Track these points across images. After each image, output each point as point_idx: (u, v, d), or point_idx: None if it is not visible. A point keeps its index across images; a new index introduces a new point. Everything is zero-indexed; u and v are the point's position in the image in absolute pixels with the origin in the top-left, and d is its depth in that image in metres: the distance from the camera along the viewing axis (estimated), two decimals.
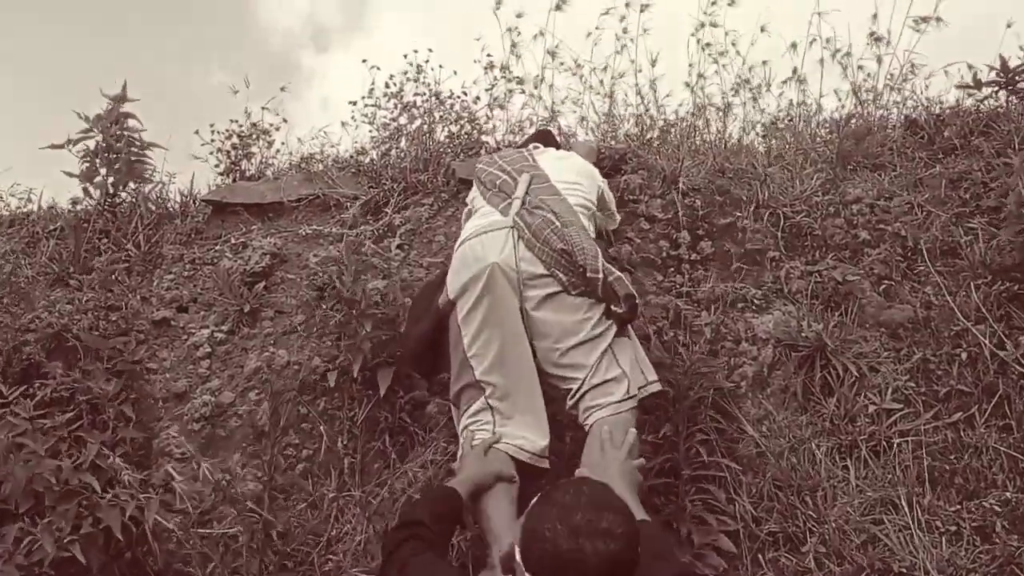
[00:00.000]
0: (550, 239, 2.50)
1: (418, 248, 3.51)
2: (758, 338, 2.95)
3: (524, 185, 2.74)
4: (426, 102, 4.04)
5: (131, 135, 3.66)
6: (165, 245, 3.67)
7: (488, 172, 2.90)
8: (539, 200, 2.66)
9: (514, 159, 2.94)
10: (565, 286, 2.50)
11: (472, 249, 2.59)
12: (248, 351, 3.17)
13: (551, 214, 2.58)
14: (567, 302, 2.50)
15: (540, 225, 2.54)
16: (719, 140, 4.12)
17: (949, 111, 3.98)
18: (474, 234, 2.63)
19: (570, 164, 3.04)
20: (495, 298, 2.49)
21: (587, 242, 2.52)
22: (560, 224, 2.54)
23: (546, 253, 2.50)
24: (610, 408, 2.41)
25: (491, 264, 2.49)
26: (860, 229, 3.31)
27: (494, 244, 2.55)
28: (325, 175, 3.83)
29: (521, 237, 2.55)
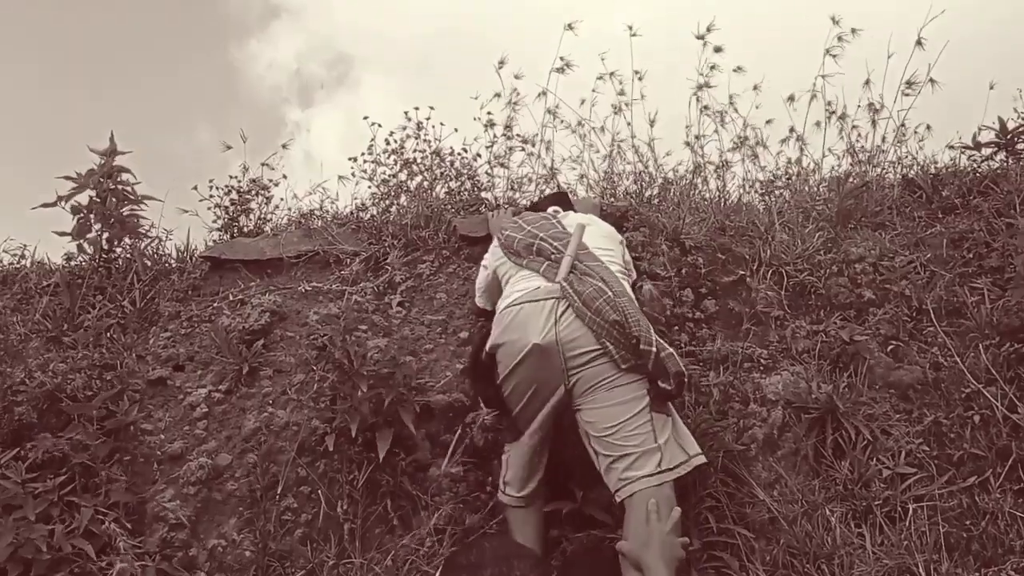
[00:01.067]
0: (603, 309, 2.46)
1: (419, 305, 3.47)
2: (767, 399, 2.91)
3: (574, 247, 2.70)
4: (426, 159, 4.04)
5: (125, 188, 3.61)
6: (161, 302, 3.61)
7: (518, 238, 2.87)
8: (587, 267, 2.63)
9: (542, 224, 2.90)
10: (615, 359, 2.47)
11: (514, 317, 2.59)
12: (246, 411, 3.10)
13: (601, 282, 2.54)
14: (616, 380, 2.47)
15: (592, 294, 2.49)
16: (719, 198, 4.13)
17: (947, 171, 4.01)
18: (519, 300, 2.62)
19: (597, 229, 2.99)
20: (527, 373, 2.54)
21: (639, 314, 2.50)
22: (612, 294, 2.50)
23: (598, 324, 2.46)
24: (644, 481, 2.36)
25: (531, 345, 2.49)
26: (864, 288, 3.30)
27: (536, 318, 2.53)
28: (325, 231, 3.80)
29: (571, 305, 2.51)
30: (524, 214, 3.16)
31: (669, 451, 2.42)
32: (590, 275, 2.58)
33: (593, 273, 2.59)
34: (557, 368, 2.50)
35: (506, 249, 2.89)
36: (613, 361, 2.47)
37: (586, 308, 2.47)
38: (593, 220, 3.06)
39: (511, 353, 2.55)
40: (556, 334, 2.49)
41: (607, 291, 2.50)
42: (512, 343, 2.56)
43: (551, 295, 2.56)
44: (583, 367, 2.49)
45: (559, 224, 2.91)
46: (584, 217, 3.07)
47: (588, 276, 2.58)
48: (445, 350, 3.28)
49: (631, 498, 2.37)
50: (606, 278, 2.57)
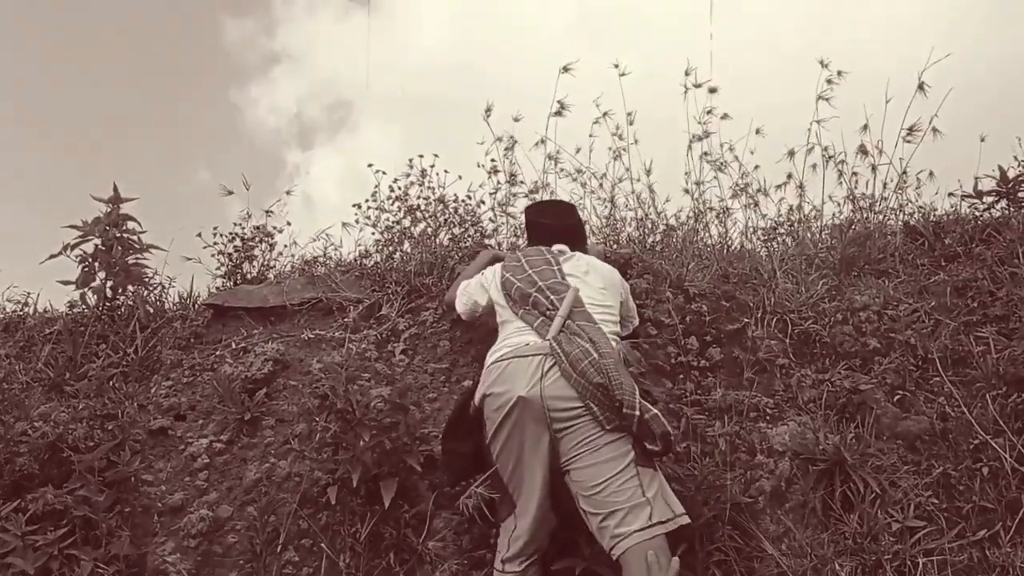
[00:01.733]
0: (587, 372, 2.46)
1: (423, 353, 3.46)
2: (774, 450, 2.89)
3: (567, 307, 2.70)
4: (430, 206, 4.05)
5: (129, 237, 3.62)
6: (163, 350, 3.60)
7: (516, 284, 2.86)
8: (578, 327, 2.63)
9: (543, 272, 2.88)
10: (599, 420, 2.46)
11: (503, 371, 2.59)
12: (247, 462, 3.08)
13: (589, 343, 2.54)
14: (601, 439, 2.45)
15: (578, 356, 2.50)
16: (721, 245, 4.13)
17: (948, 219, 4.02)
18: (508, 355, 2.62)
19: (598, 277, 2.97)
20: (514, 427, 2.52)
21: (625, 377, 2.48)
22: (598, 356, 2.49)
23: (582, 385, 2.46)
24: (637, 536, 2.33)
25: (516, 397, 2.50)
26: (869, 337, 3.29)
27: (523, 372, 2.54)
28: (328, 278, 3.80)
29: (557, 364, 2.52)
30: (527, 250, 3.11)
31: (658, 505, 2.39)
32: (579, 335, 2.58)
33: (582, 333, 2.59)
34: (542, 423, 2.50)
35: (504, 292, 2.90)
36: (597, 421, 2.46)
37: (572, 369, 2.48)
38: (595, 267, 3.03)
39: (497, 406, 2.55)
40: (541, 388, 2.50)
41: (593, 353, 2.50)
42: (498, 395, 2.56)
43: (539, 351, 2.58)
44: (568, 425, 2.48)
45: (559, 273, 2.88)
46: (585, 262, 3.04)
47: (577, 336, 2.58)
48: (448, 399, 3.26)
49: (625, 554, 2.34)
50: (595, 339, 2.57)
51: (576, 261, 3.04)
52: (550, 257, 2.99)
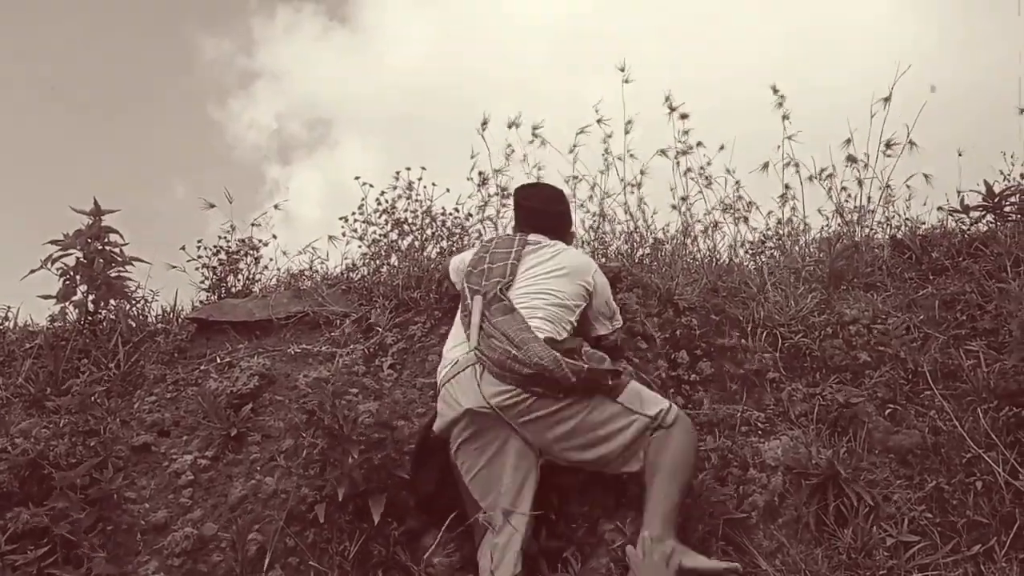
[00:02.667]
0: (514, 368, 2.56)
1: (411, 368, 3.43)
2: (766, 465, 2.86)
3: (477, 313, 2.80)
4: (417, 219, 4.02)
5: (111, 250, 3.56)
6: (147, 365, 3.54)
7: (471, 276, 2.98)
8: (492, 327, 2.71)
9: (495, 268, 2.98)
10: (548, 396, 2.57)
11: (451, 392, 2.71)
12: (233, 479, 3.02)
13: (504, 340, 2.63)
14: (566, 408, 2.58)
15: (500, 358, 2.59)
16: (710, 259, 4.13)
17: (936, 232, 4.04)
18: (447, 376, 2.75)
19: (558, 263, 3.05)
20: (472, 438, 2.65)
21: (543, 350, 2.56)
22: (516, 349, 2.58)
23: (518, 379, 2.56)
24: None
25: (465, 410, 2.63)
26: (859, 350, 3.28)
27: (466, 386, 2.65)
28: (315, 292, 3.76)
29: (487, 370, 2.62)
30: (501, 241, 3.19)
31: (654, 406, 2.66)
32: (495, 336, 2.67)
33: (496, 333, 2.67)
34: (500, 424, 2.60)
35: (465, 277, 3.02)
36: (551, 397, 2.57)
37: (501, 370, 2.58)
38: (562, 254, 3.11)
39: (450, 425, 2.68)
40: (482, 392, 2.60)
41: (511, 350, 2.58)
42: (450, 419, 2.69)
43: (467, 364, 2.69)
44: (525, 414, 2.58)
45: (509, 268, 2.97)
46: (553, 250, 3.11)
47: (493, 338, 2.66)
48: None
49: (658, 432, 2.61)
50: (509, 333, 2.64)
51: (543, 251, 3.10)
52: (517, 249, 3.07)
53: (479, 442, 2.64)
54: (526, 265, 3.02)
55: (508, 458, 2.60)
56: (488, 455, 2.62)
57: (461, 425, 2.65)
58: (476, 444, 2.64)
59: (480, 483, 2.62)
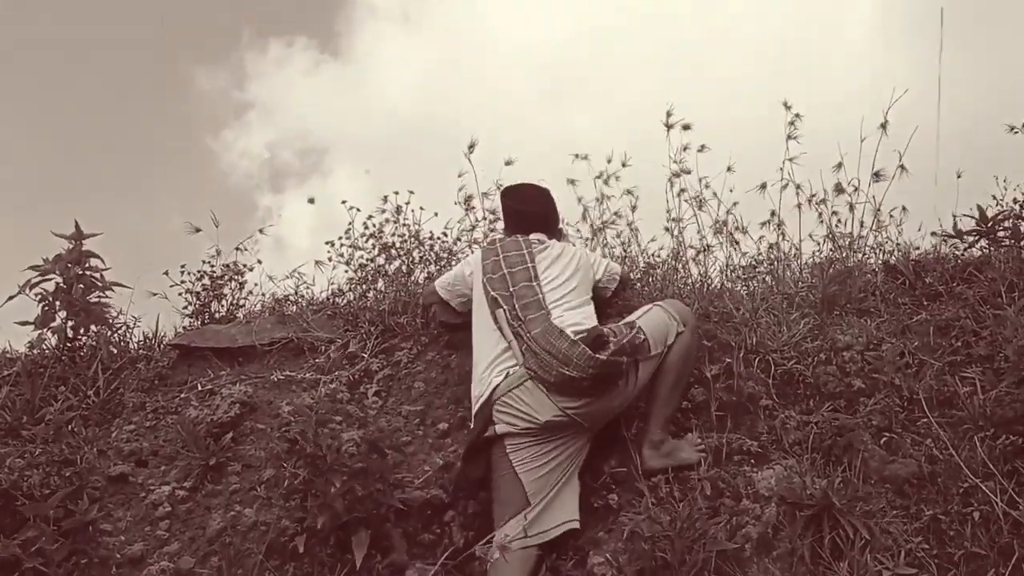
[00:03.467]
0: (575, 384, 2.69)
1: (396, 395, 3.36)
2: (760, 495, 2.79)
3: (507, 329, 2.89)
4: (405, 243, 3.96)
5: (92, 275, 3.48)
6: (126, 392, 3.46)
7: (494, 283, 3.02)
8: (534, 342, 2.78)
9: (516, 273, 3.04)
10: (612, 388, 2.79)
11: (515, 405, 2.76)
12: (211, 510, 2.93)
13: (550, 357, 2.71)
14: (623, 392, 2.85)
15: (557, 381, 2.70)
16: (701, 283, 4.07)
17: (929, 258, 3.99)
18: (505, 388, 2.79)
19: (568, 262, 3.19)
20: (544, 440, 2.77)
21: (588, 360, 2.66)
22: (566, 367, 2.67)
23: (584, 390, 2.71)
24: None
25: (544, 423, 2.73)
26: (854, 377, 3.22)
27: (536, 400, 2.74)
28: (299, 318, 3.69)
29: (553, 388, 2.73)
30: (506, 245, 3.21)
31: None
32: (539, 355, 2.74)
33: (540, 350, 2.74)
34: (569, 427, 2.76)
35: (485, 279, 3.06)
36: (615, 386, 2.80)
37: (566, 385, 2.70)
38: (566, 252, 3.25)
39: (531, 432, 2.76)
40: (555, 404, 2.73)
41: (564, 370, 2.68)
42: (520, 429, 2.76)
43: (525, 377, 2.78)
44: (600, 409, 2.81)
45: (532, 272, 3.06)
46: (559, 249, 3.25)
47: (539, 356, 2.74)
48: (423, 442, 3.15)
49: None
50: (552, 349, 2.72)
51: (550, 250, 3.22)
52: (526, 252, 3.14)
53: (545, 446, 2.76)
54: (542, 267, 3.12)
55: (570, 456, 2.80)
56: (553, 458, 2.75)
57: (533, 433, 2.75)
58: (541, 447, 2.75)
59: (537, 480, 2.72)
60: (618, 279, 3.54)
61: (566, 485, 2.78)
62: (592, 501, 2.88)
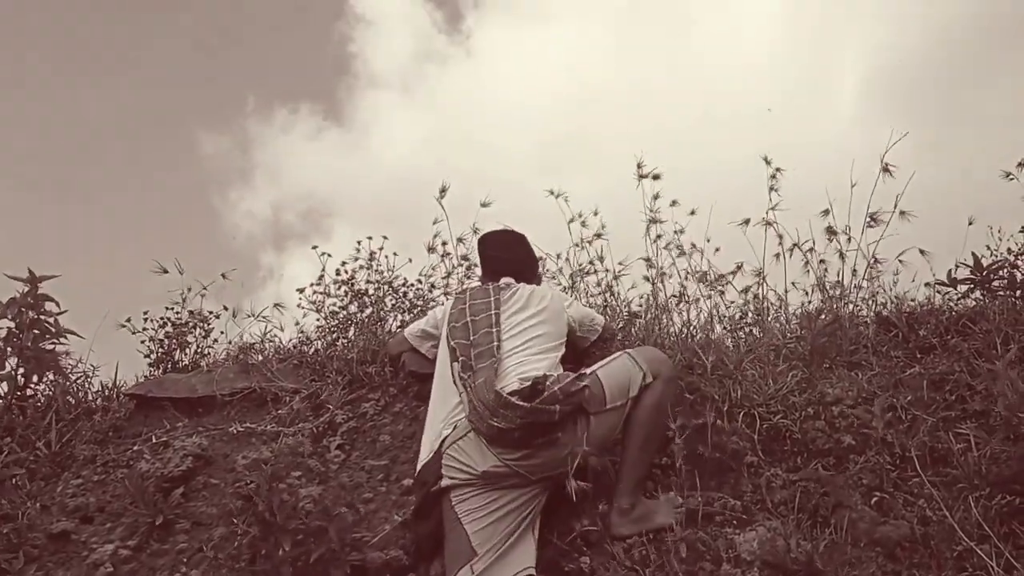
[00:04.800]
0: (511, 436, 2.54)
1: (361, 448, 3.18)
2: (741, 559, 2.60)
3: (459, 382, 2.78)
4: (378, 290, 3.82)
5: (45, 320, 3.32)
6: (78, 444, 3.28)
7: (456, 332, 2.93)
8: (474, 395, 2.66)
9: (479, 320, 2.96)
10: (551, 440, 2.59)
11: (457, 456, 2.63)
12: (156, 571, 2.74)
13: (485, 410, 2.58)
14: (568, 446, 2.60)
15: (493, 434, 2.57)
16: (685, 334, 3.92)
17: (923, 309, 3.85)
18: (453, 439, 2.67)
19: (535, 306, 3.07)
20: (486, 490, 2.59)
21: (516, 411, 2.52)
22: (496, 419, 2.54)
23: (518, 441, 2.56)
24: None
25: (481, 472, 2.58)
26: (843, 433, 3.05)
27: (475, 450, 2.61)
28: (264, 366, 3.53)
29: (491, 440, 2.59)
30: (474, 292, 3.14)
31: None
32: (477, 408, 2.62)
33: (477, 401, 2.63)
34: (514, 475, 2.58)
35: (449, 329, 2.96)
36: (553, 438, 2.58)
37: (503, 437, 2.56)
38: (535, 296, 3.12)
39: (469, 483, 2.60)
40: (493, 454, 2.58)
41: (495, 423, 2.54)
42: (461, 480, 2.61)
43: (468, 429, 2.65)
44: (539, 464, 2.59)
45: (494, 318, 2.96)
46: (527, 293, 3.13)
47: (477, 410, 2.62)
48: (386, 499, 2.97)
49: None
50: (486, 400, 2.59)
51: (518, 294, 3.12)
52: (492, 299, 3.05)
53: (488, 495, 2.60)
54: (507, 313, 3.02)
55: (517, 507, 2.60)
56: (498, 507, 2.58)
57: (476, 485, 2.60)
58: (485, 497, 2.59)
59: (482, 529, 2.55)
60: (599, 330, 3.45)
61: (521, 537, 2.60)
62: (562, 564, 2.68)
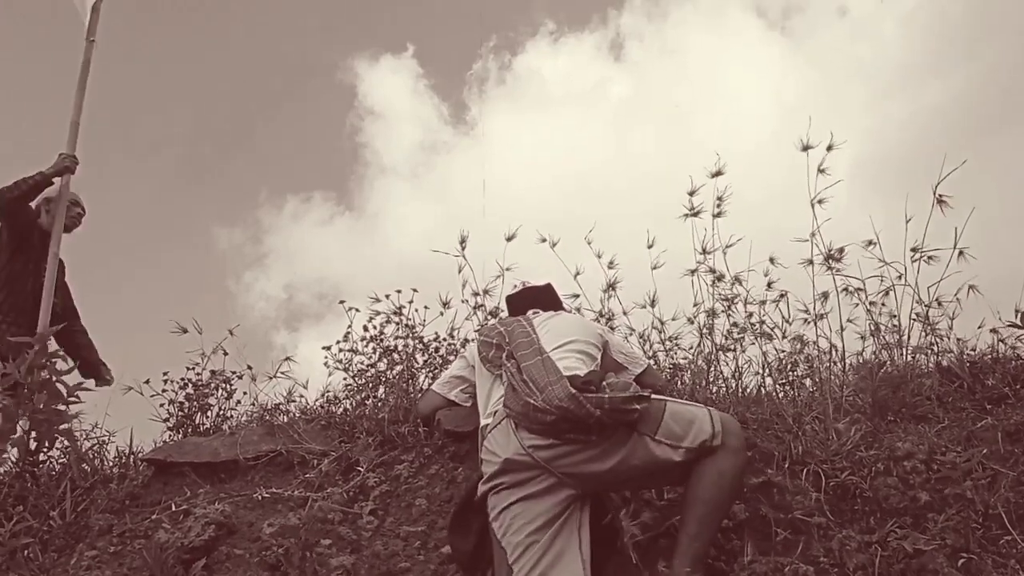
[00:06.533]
0: (537, 417, 2.41)
1: (395, 514, 2.96)
2: None
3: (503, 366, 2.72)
4: (407, 345, 3.63)
5: (58, 380, 3.14)
6: (94, 513, 3.07)
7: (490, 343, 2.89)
8: (522, 377, 2.58)
9: (514, 329, 2.89)
10: (580, 440, 2.42)
11: (489, 445, 2.57)
12: None
13: (527, 387, 2.50)
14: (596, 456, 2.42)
15: (523, 410, 2.46)
16: (735, 387, 3.69)
17: (986, 358, 3.61)
18: (491, 426, 2.61)
19: (565, 321, 3.04)
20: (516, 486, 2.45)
21: (562, 391, 2.39)
22: (537, 396, 2.44)
23: (545, 428, 2.41)
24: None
25: (504, 460, 2.47)
26: (918, 490, 2.80)
27: (502, 437, 2.52)
28: (290, 428, 3.33)
29: (519, 424, 2.49)
30: (503, 320, 3.13)
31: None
32: (517, 389, 2.54)
33: (520, 381, 2.55)
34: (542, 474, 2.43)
35: (481, 355, 2.91)
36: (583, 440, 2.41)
37: (528, 422, 2.45)
38: (565, 316, 3.11)
39: (492, 478, 2.50)
40: (519, 441, 2.46)
41: (531, 400, 2.43)
42: (491, 472, 2.51)
43: (504, 416, 2.56)
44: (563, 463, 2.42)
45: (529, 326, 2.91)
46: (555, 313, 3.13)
47: (517, 391, 2.53)
48: (424, 568, 2.73)
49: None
50: (535, 378, 2.51)
51: (547, 314, 3.10)
52: (523, 319, 3.02)
53: (517, 490, 2.45)
54: (541, 327, 2.96)
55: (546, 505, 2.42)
56: (527, 503, 2.43)
57: (503, 476, 2.48)
58: (515, 491, 2.45)
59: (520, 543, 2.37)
60: (642, 364, 3.26)
61: (562, 556, 2.37)
62: None
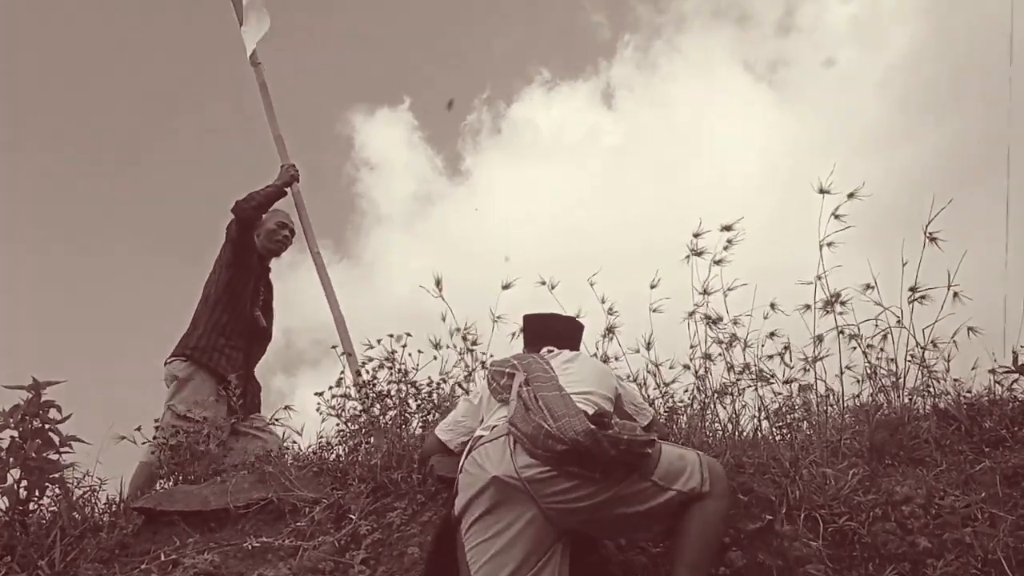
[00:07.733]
0: (547, 444, 2.33)
1: (387, 563, 2.91)
2: None
3: (515, 387, 2.67)
4: (400, 391, 3.60)
5: (51, 428, 3.11)
6: (83, 563, 3.03)
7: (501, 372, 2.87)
8: (536, 400, 2.52)
9: (529, 362, 2.86)
10: (581, 475, 2.33)
11: (478, 459, 2.48)
12: None
13: (541, 414, 2.42)
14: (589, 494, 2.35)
15: (533, 433, 2.38)
16: (731, 431, 3.66)
17: (983, 400, 3.59)
18: (484, 440, 2.53)
19: (582, 365, 2.97)
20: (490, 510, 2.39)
21: (580, 425, 2.31)
22: (552, 423, 2.35)
23: (550, 457, 2.33)
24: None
25: (491, 478, 2.39)
26: (917, 535, 2.77)
27: (496, 454, 2.44)
28: (282, 476, 3.29)
29: (520, 444, 2.40)
30: (517, 355, 3.05)
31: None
32: (532, 409, 2.47)
33: (536, 406, 2.48)
34: (523, 503, 2.35)
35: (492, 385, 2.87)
36: (585, 477, 2.33)
37: (533, 446, 2.36)
38: (581, 359, 3.04)
39: (470, 499, 2.43)
40: (513, 462, 2.38)
41: (545, 425, 2.35)
42: (472, 492, 2.44)
43: (501, 433, 2.50)
44: (554, 493, 2.34)
45: (544, 362, 2.87)
46: (572, 355, 3.06)
47: (531, 411, 2.46)
48: None
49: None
50: (552, 407, 2.44)
51: (562, 355, 3.03)
52: (538, 356, 2.97)
53: (496, 518, 2.38)
54: (558, 367, 2.89)
55: (525, 542, 2.35)
56: (505, 537, 2.35)
57: (484, 497, 2.40)
58: (492, 520, 2.38)
59: (486, 563, 2.34)
60: (648, 415, 3.22)
61: None
62: None
